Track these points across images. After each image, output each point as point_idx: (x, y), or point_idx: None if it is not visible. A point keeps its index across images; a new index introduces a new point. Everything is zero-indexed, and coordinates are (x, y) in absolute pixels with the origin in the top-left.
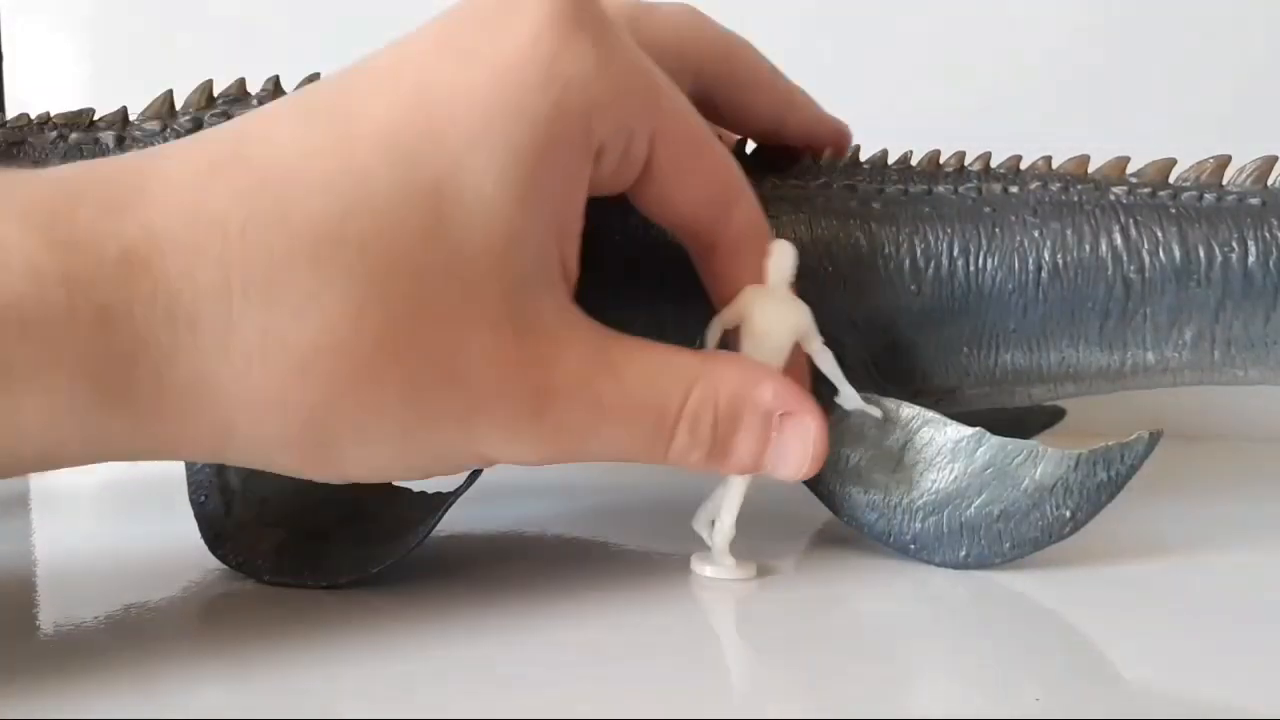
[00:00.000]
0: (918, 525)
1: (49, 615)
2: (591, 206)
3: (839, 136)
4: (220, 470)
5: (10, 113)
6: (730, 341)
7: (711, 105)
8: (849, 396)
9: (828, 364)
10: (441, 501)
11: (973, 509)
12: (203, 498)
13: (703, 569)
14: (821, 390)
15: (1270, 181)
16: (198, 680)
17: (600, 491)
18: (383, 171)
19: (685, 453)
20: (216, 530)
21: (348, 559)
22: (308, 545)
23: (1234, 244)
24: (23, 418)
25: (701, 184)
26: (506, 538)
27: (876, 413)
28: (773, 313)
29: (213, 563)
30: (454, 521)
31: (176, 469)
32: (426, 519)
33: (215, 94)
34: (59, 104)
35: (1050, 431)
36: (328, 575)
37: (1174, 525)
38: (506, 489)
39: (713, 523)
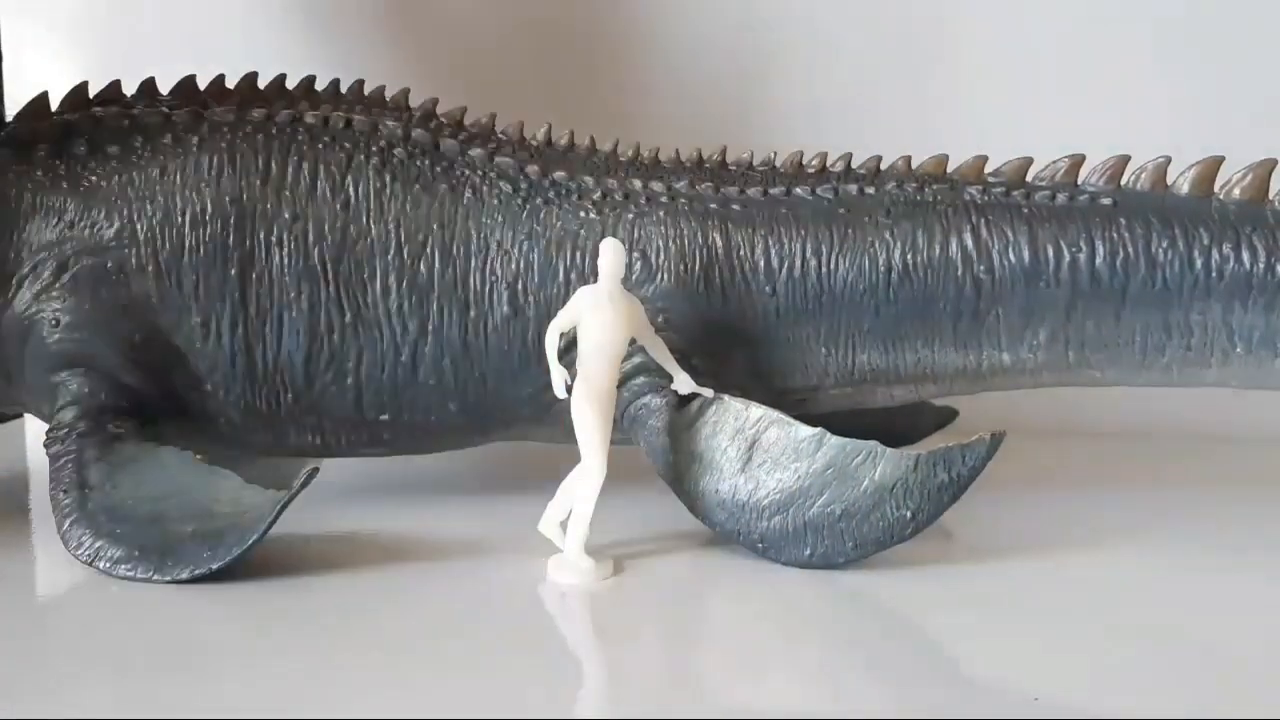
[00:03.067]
0: (764, 524)
1: None
2: None
3: None
4: (81, 468)
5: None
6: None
7: None
8: (683, 381)
9: (660, 352)
10: (273, 511)
11: (815, 508)
12: (61, 493)
13: (560, 575)
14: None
15: (1124, 181)
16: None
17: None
18: None
19: None
20: (70, 523)
21: (191, 557)
22: (156, 544)
23: (1082, 244)
24: None
25: None
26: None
27: (709, 393)
28: (609, 314)
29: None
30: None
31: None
32: (265, 519)
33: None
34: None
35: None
36: (172, 572)
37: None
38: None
39: (563, 525)
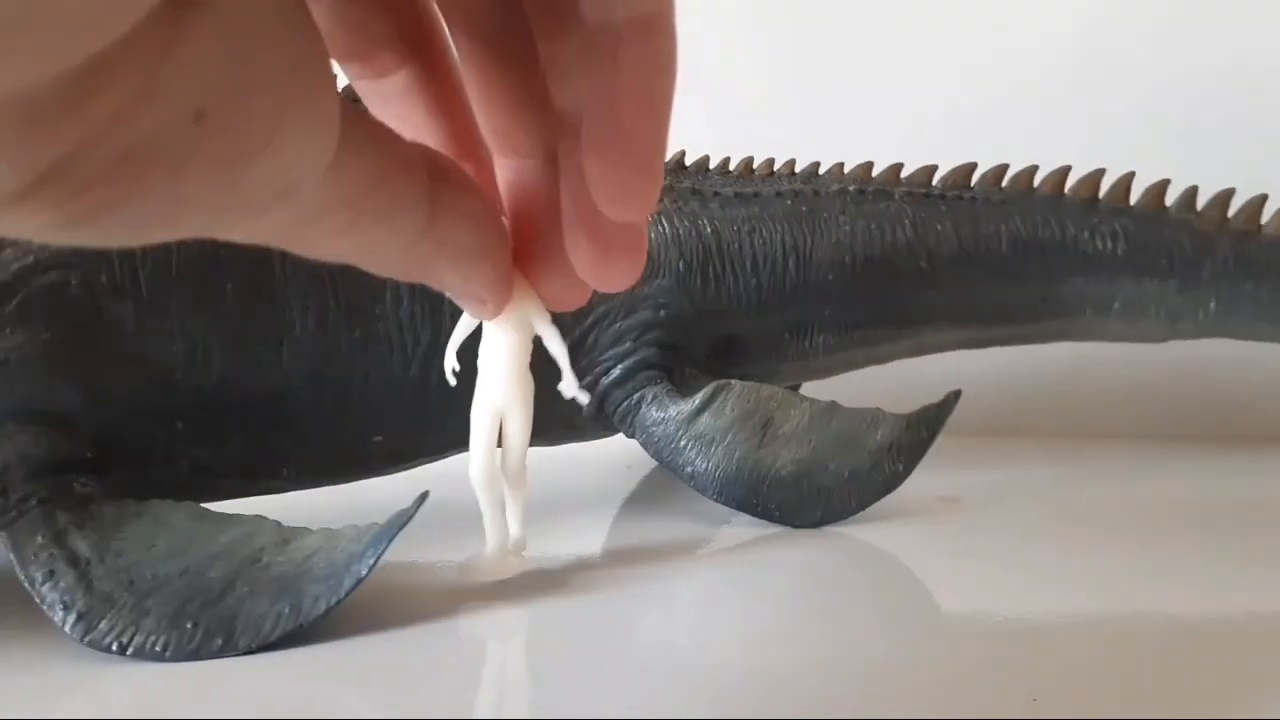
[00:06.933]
0: (783, 494)
1: None
2: None
3: None
4: (61, 538)
5: None
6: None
7: None
8: (570, 384)
9: (555, 345)
10: (379, 539)
11: (828, 474)
12: (48, 584)
13: (481, 574)
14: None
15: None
16: None
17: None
18: None
19: None
20: (80, 611)
21: (267, 613)
22: (206, 609)
23: (992, 231)
24: None
25: None
26: None
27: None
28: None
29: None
30: None
31: None
32: (363, 554)
33: None
34: None
35: None
36: (248, 635)
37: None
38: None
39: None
